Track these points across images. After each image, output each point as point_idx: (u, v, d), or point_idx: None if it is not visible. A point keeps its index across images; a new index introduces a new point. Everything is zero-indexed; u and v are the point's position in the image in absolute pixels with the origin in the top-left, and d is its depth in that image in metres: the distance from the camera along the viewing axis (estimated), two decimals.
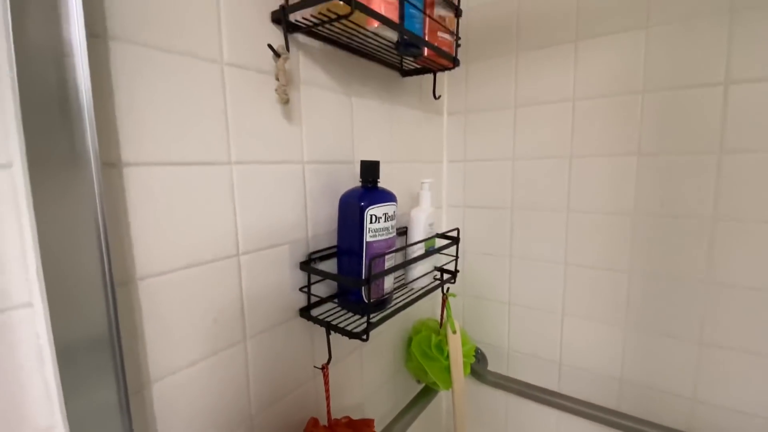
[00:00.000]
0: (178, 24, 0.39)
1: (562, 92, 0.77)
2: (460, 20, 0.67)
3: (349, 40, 0.57)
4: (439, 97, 0.74)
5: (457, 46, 0.67)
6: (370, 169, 0.57)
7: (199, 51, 0.41)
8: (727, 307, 0.66)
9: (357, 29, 0.50)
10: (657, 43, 0.67)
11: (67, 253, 0.32)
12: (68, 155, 0.31)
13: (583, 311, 0.80)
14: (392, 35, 0.53)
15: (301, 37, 0.53)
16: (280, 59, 0.47)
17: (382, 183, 0.58)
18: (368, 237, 0.55)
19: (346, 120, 0.63)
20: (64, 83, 0.30)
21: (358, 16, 0.46)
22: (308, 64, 0.55)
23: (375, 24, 0.50)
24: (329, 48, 0.58)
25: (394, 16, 0.51)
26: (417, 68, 0.72)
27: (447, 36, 0.65)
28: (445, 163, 0.94)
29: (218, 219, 0.44)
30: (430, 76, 0.78)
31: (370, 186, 0.57)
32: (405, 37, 0.54)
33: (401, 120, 0.76)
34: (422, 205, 0.71)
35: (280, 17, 0.48)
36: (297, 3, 0.46)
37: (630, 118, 0.71)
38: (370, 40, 0.56)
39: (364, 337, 0.52)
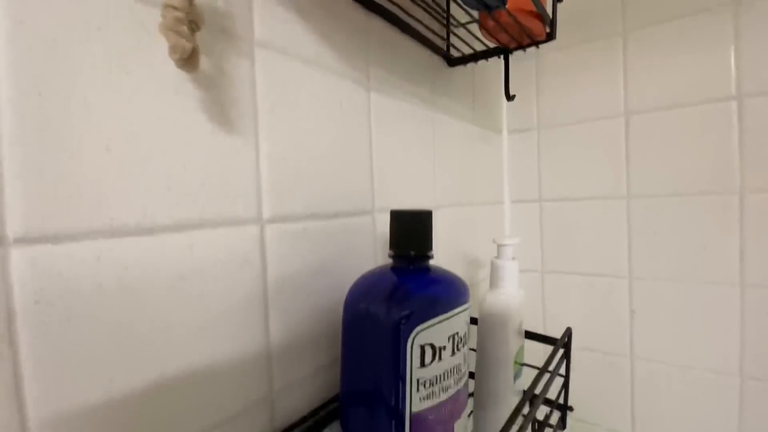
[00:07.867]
0: None
1: (712, 88, 0.46)
2: None
3: None
4: (513, 96, 0.44)
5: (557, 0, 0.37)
6: (413, 231, 0.25)
7: None
8: None
9: None
10: None
11: None
12: None
13: None
14: None
15: None
16: None
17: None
18: (414, 406, 0.22)
19: (358, 129, 0.32)
20: None
21: None
22: (276, 8, 0.25)
23: None
24: None
25: None
26: (473, 53, 0.42)
27: None
28: (507, 205, 0.62)
29: None
30: (488, 66, 0.48)
31: (412, 268, 0.25)
32: None
33: (445, 136, 0.45)
34: (505, 291, 0.37)
35: None
36: None
37: None
38: None
39: None
